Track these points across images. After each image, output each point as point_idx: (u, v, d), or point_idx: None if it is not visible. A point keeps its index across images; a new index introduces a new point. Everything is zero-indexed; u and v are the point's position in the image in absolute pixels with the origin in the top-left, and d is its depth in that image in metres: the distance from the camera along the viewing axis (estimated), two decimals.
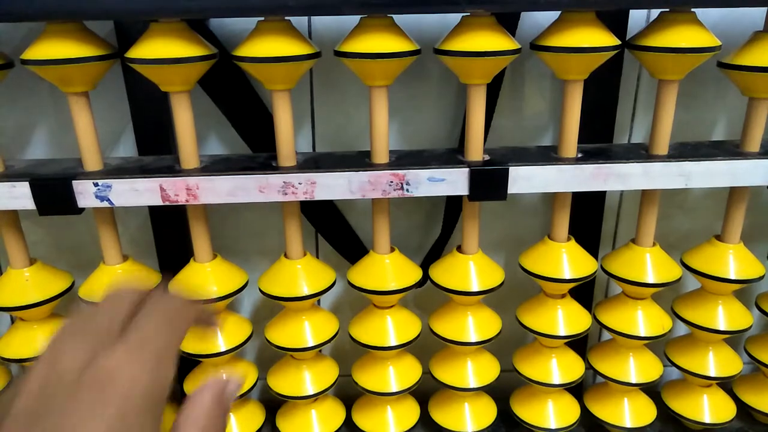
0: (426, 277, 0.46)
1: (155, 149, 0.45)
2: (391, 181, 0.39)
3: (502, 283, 0.45)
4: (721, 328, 0.46)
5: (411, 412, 0.50)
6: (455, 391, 0.48)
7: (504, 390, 0.52)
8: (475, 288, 0.44)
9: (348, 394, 0.51)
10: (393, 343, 0.45)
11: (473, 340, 0.45)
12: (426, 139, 0.48)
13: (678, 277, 0.44)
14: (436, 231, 0.50)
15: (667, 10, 0.38)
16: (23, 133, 0.46)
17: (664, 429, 0.52)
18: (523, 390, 0.52)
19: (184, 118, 0.39)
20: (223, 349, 0.44)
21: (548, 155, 0.41)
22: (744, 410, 0.52)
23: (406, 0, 0.35)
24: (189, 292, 0.36)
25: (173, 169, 0.38)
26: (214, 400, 0.28)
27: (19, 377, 0.29)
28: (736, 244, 0.45)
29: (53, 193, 0.38)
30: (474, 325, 0.46)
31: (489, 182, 0.39)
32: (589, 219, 0.48)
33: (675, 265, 0.45)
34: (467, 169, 0.39)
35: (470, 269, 0.44)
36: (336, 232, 0.49)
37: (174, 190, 0.38)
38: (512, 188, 0.39)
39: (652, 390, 0.51)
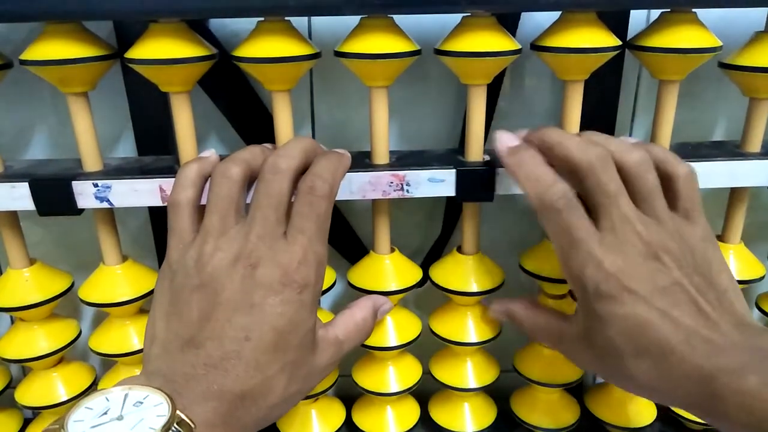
0: (426, 278, 0.46)
1: (155, 150, 0.45)
2: (391, 182, 0.39)
3: (502, 284, 0.45)
4: None
5: (411, 412, 0.50)
6: (455, 391, 0.48)
7: (504, 390, 0.51)
8: (474, 288, 0.44)
9: (348, 394, 0.51)
10: (393, 343, 0.45)
11: (473, 340, 0.45)
12: (426, 139, 0.48)
13: None
14: (437, 231, 0.50)
15: (668, 10, 0.38)
16: (22, 133, 0.46)
17: (664, 429, 0.52)
18: (523, 390, 0.52)
19: (183, 119, 0.39)
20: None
21: None
22: None
23: (406, 0, 0.35)
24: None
25: (173, 170, 0.38)
26: (372, 309, 0.38)
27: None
28: (737, 245, 0.45)
29: (53, 193, 0.38)
30: (474, 325, 0.46)
31: (477, 183, 0.39)
32: None
33: None
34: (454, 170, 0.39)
35: (470, 270, 0.44)
36: (336, 232, 0.49)
37: None
38: (510, 189, 0.39)
39: None
